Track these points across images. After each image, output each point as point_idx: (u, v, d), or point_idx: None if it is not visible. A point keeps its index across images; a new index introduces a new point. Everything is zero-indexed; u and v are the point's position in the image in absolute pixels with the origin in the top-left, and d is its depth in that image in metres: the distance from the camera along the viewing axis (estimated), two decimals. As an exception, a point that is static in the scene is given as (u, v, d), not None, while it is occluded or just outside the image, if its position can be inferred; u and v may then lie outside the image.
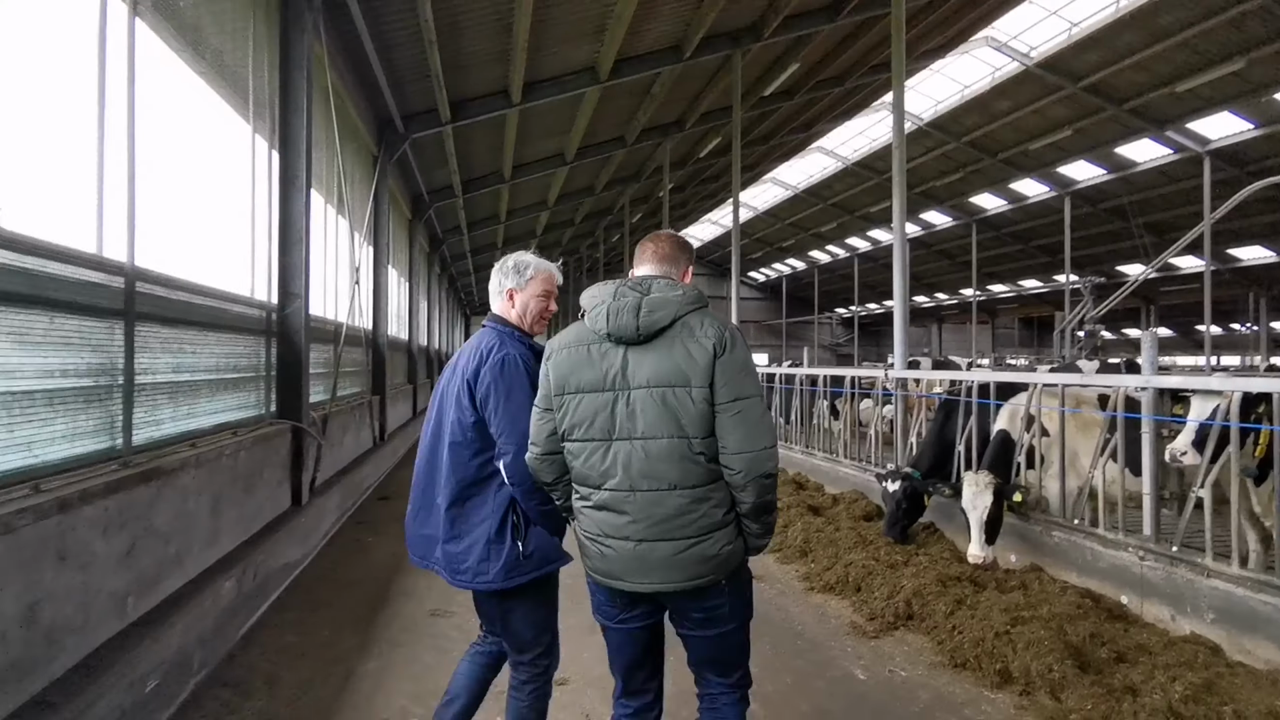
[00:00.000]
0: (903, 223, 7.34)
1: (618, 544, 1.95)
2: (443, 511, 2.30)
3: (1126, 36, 16.98)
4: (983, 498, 4.96)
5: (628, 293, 1.97)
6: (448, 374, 2.45)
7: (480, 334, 2.45)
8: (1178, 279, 28.01)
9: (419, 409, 15.53)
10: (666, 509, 1.91)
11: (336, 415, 7.53)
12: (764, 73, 14.50)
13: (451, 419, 2.32)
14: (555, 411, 2.03)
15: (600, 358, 1.97)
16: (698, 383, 1.89)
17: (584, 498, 2.02)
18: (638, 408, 1.92)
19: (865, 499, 7.31)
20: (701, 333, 1.93)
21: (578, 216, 24.20)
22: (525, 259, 2.49)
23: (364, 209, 9.66)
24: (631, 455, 1.92)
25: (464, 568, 2.27)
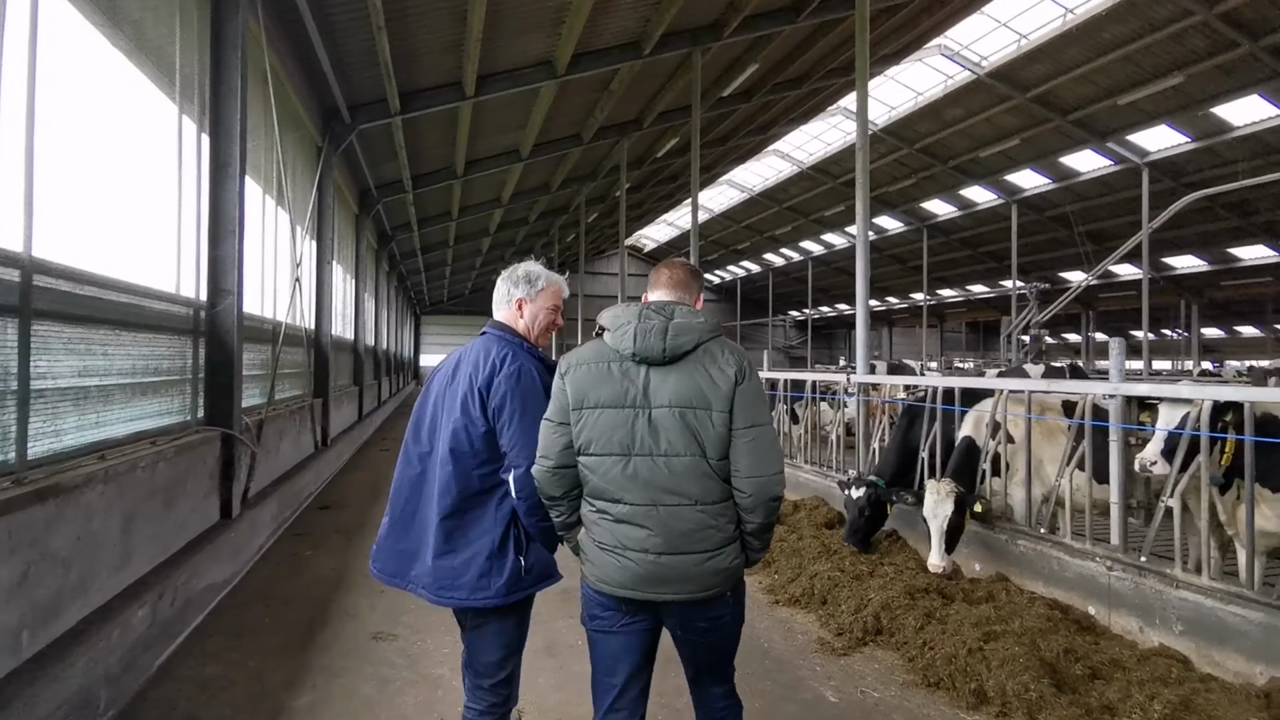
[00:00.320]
0: (865, 222, 7.26)
1: (636, 556, 1.99)
2: (436, 524, 2.20)
3: (1072, 49, 17.47)
4: (943, 506, 4.85)
5: (653, 315, 2.04)
6: (441, 380, 2.37)
7: (485, 341, 2.36)
8: (1116, 286, 29.05)
9: (365, 412, 14.96)
10: (687, 524, 1.98)
11: (274, 420, 7.07)
12: (723, 73, 14.39)
13: (454, 427, 2.22)
14: (572, 425, 2.05)
15: (621, 375, 2.03)
16: (719, 407, 1.98)
17: (601, 511, 2.05)
18: (660, 426, 1.99)
19: (826, 505, 7.20)
20: (723, 360, 2.03)
21: (532, 215, 23.77)
22: (536, 270, 2.47)
23: (306, 202, 9.16)
24: (654, 471, 1.98)
25: (460, 583, 2.18)
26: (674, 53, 11.87)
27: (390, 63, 8.63)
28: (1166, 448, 3.95)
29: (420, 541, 2.24)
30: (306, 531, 6.70)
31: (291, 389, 8.58)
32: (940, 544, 4.86)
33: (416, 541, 2.25)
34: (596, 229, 33.21)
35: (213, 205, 5.35)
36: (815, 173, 28.99)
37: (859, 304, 7.14)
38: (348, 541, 6.38)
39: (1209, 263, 26.63)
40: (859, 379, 6.92)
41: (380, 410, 18.18)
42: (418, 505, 2.28)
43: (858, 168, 7.33)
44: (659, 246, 47.90)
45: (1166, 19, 15.51)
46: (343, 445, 10.93)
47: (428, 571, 2.20)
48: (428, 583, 2.21)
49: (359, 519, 7.26)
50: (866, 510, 5.59)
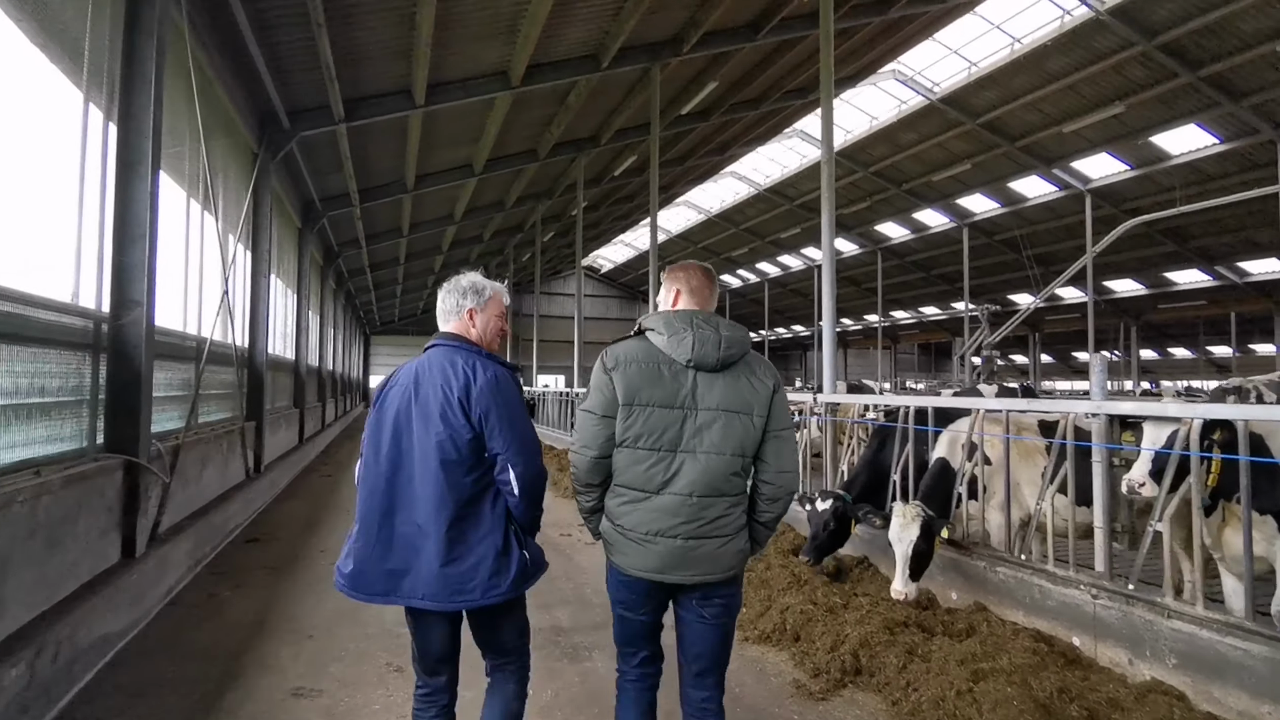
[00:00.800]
0: (831, 238, 7.06)
1: (666, 541, 2.19)
2: (439, 535, 2.24)
3: (1020, 78, 17.94)
4: (909, 530, 4.56)
5: (704, 326, 2.24)
6: (399, 396, 2.36)
7: (444, 354, 2.38)
8: (1061, 309, 29.87)
9: (306, 435, 14.17)
10: (715, 512, 2.20)
11: (195, 446, 6.45)
12: (682, 90, 14.28)
13: (438, 439, 2.26)
14: (620, 420, 2.22)
15: (672, 378, 2.22)
16: (759, 412, 2.24)
17: (633, 500, 2.23)
18: (705, 426, 2.20)
19: (792, 530, 6.88)
20: (761, 371, 2.31)
21: (487, 233, 23.29)
22: (480, 280, 2.53)
23: (240, 210, 8.57)
24: (695, 466, 2.19)
25: (471, 585, 2.24)
26: (632, 67, 11.67)
27: (333, 64, 8.18)
28: (1154, 468, 3.72)
29: (410, 555, 2.26)
30: (228, 569, 6.08)
31: (219, 411, 7.93)
32: (904, 569, 4.56)
33: (405, 557, 2.26)
34: (553, 248, 32.87)
35: (120, 206, 4.81)
36: (772, 195, 29.22)
37: (825, 321, 6.90)
38: (275, 579, 5.79)
39: (1146, 286, 27.58)
40: (825, 398, 6.65)
41: (324, 433, 17.34)
42: (394, 522, 2.29)
43: (823, 183, 7.15)
44: (615, 267, 47.74)
45: (1108, 50, 16.03)
46: (279, 472, 10.22)
47: (431, 581, 2.23)
48: (431, 592, 2.23)
49: (290, 552, 6.65)
50: (831, 524, 5.26)
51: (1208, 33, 14.70)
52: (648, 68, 11.90)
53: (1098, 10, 14.99)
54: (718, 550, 2.21)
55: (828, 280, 6.94)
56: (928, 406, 5.42)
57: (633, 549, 2.23)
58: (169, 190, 6.86)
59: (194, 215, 7.09)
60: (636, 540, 2.22)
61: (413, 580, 2.24)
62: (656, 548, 2.19)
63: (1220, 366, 37.17)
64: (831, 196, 7.11)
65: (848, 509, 5.27)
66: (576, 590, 5.55)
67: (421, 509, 2.26)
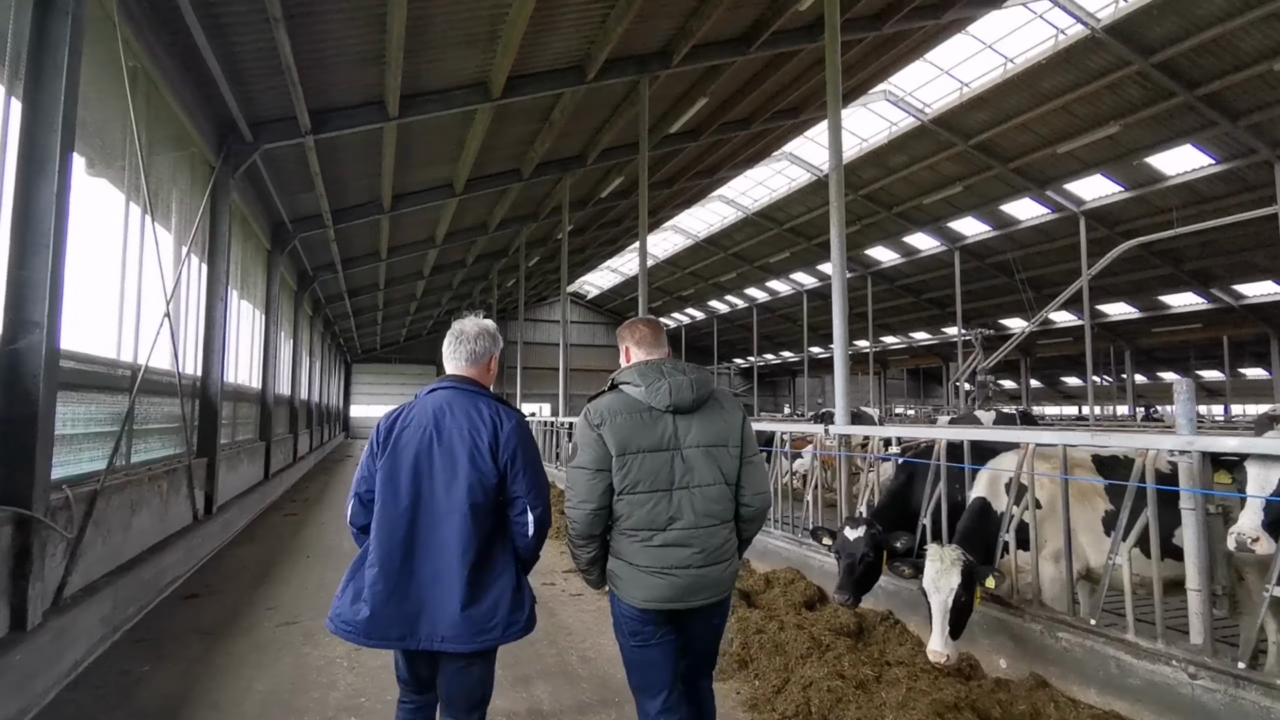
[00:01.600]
0: (841, 254, 6.44)
1: (681, 572, 2.38)
2: (463, 576, 2.28)
3: (1013, 98, 17.66)
4: (949, 577, 3.84)
5: (675, 373, 2.47)
6: (418, 438, 2.37)
7: (466, 398, 2.45)
8: (1053, 333, 29.54)
9: (274, 470, 13.27)
10: (718, 540, 2.45)
11: (123, 489, 5.63)
12: (671, 107, 13.77)
13: (469, 483, 2.32)
14: (615, 472, 2.40)
15: (654, 423, 2.42)
16: (733, 442, 2.50)
17: (645, 540, 2.40)
18: (691, 462, 2.42)
19: (803, 579, 6.13)
20: (729, 405, 2.58)
21: (470, 257, 22.61)
22: (493, 325, 2.65)
23: (192, 225, 7.83)
24: (693, 500, 2.41)
25: (492, 624, 2.30)
26: (620, 80, 11.12)
27: (295, 68, 7.52)
28: (1269, 519, 3.04)
29: (427, 598, 2.28)
30: (153, 634, 5.22)
31: (161, 448, 7.10)
32: (944, 625, 3.82)
33: (421, 599, 2.28)
34: (538, 274, 32.24)
35: (20, 212, 4.06)
36: (760, 219, 28.85)
37: (837, 343, 6.24)
38: (208, 646, 4.95)
39: (1140, 310, 27.32)
40: (839, 429, 5.95)
41: (295, 467, 16.39)
42: (414, 565, 2.30)
43: (831, 194, 6.55)
44: (601, 293, 47.20)
45: (1103, 69, 15.76)
46: (236, 512, 9.34)
47: (454, 624, 2.25)
48: (454, 634, 2.26)
49: (232, 610, 5.80)
50: (869, 555, 4.53)
51: (1205, 51, 14.45)
52: (636, 81, 11.36)
53: (1093, 28, 14.72)
54: (722, 574, 2.44)
55: (839, 298, 6.29)
56: (963, 440, 4.73)
57: (649, 582, 2.37)
58: (108, 200, 6.15)
59: (135, 227, 6.34)
60: (653, 574, 2.37)
61: (430, 623, 2.26)
62: (672, 578, 2.36)
63: (1211, 391, 36.99)
64: (841, 208, 6.51)
65: (880, 537, 4.55)
66: (560, 659, 4.75)
67: (445, 552, 2.28)
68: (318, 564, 7.50)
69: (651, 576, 2.37)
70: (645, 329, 2.63)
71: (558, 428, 15.86)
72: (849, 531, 4.64)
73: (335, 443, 32.63)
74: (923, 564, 3.96)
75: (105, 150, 5.97)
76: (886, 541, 4.56)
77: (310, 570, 7.18)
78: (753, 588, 6.02)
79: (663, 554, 2.36)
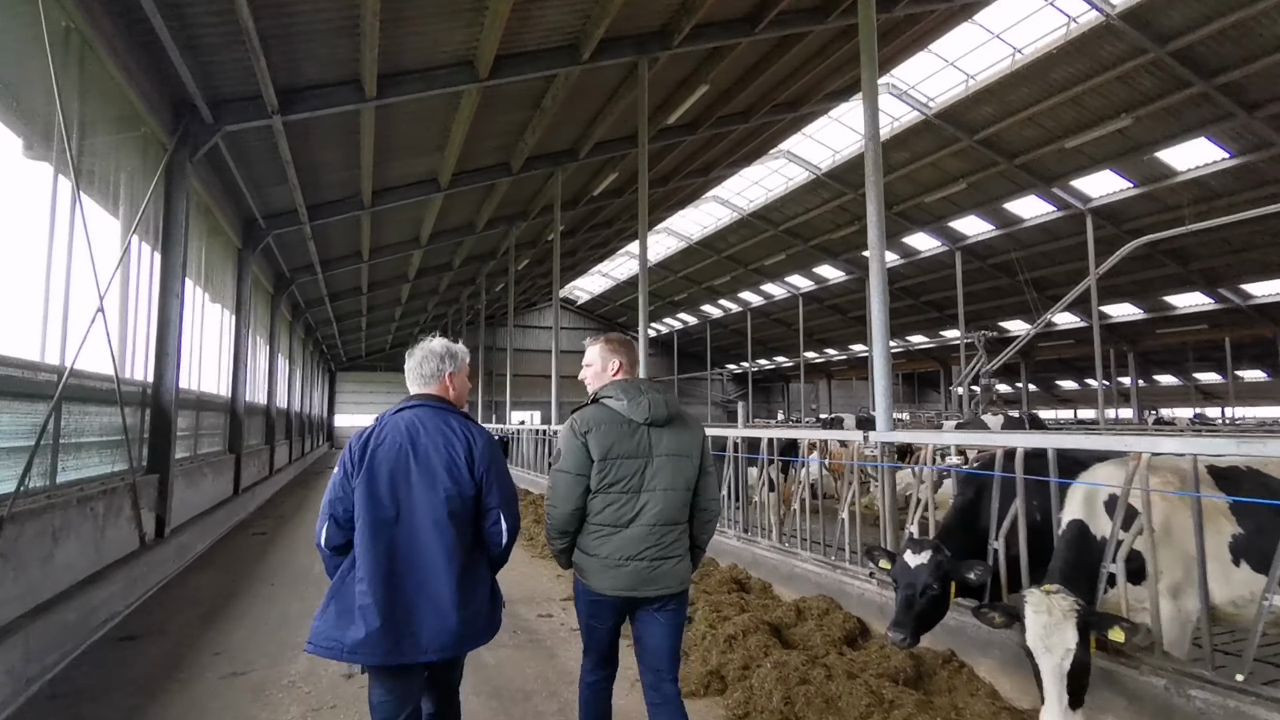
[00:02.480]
0: (881, 234, 5.67)
1: (635, 564, 2.67)
2: (453, 586, 2.36)
3: (1021, 90, 17.06)
4: (1061, 635, 3.03)
5: (652, 391, 2.80)
6: (394, 454, 2.43)
7: (435, 414, 2.55)
8: (1053, 335, 28.96)
9: (245, 484, 12.33)
10: (671, 537, 2.73)
11: (41, 514, 4.75)
12: (669, 96, 13.01)
13: (446, 494, 2.41)
14: (595, 472, 2.68)
15: (632, 433, 2.73)
16: (695, 455, 2.83)
17: (606, 535, 2.69)
18: (659, 469, 2.73)
19: (838, 609, 5.34)
20: (692, 423, 2.89)
21: (457, 259, 21.76)
22: (452, 345, 2.75)
23: (146, 212, 6.96)
24: (656, 501, 2.70)
25: (478, 628, 2.44)
26: (617, 61, 10.35)
27: (256, 35, 6.69)
28: None
29: (415, 609, 2.33)
30: (74, 689, 4.33)
31: (99, 464, 6.20)
32: (1061, 695, 3.01)
33: (409, 611, 2.33)
34: (527, 278, 31.41)
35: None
36: (756, 220, 28.16)
37: (876, 338, 5.45)
38: (136, 707, 4.07)
39: (1145, 310, 26.79)
40: (881, 437, 5.15)
41: (271, 480, 15.43)
42: (399, 578, 2.34)
43: (867, 165, 5.78)
44: (592, 299, 46.37)
45: (1116, 58, 15.16)
46: (195, 533, 8.42)
47: (449, 630, 2.34)
48: (449, 641, 2.35)
49: (174, 655, 4.91)
50: (933, 586, 3.71)
51: (1224, 38, 13.87)
52: (634, 64, 10.58)
53: (1108, 14, 14.11)
54: (674, 568, 2.73)
55: (877, 285, 5.51)
56: (1046, 448, 3.94)
57: (607, 572, 2.68)
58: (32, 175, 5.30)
59: (63, 205, 5.47)
60: (611, 565, 2.67)
61: (421, 635, 2.32)
62: (626, 569, 2.67)
63: (1208, 394, 36.59)
64: (879, 184, 5.74)
65: (948, 565, 3.74)
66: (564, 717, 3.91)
67: (428, 563, 2.36)
68: (282, 593, 6.61)
69: (613, 568, 2.66)
70: (631, 348, 2.98)
71: (549, 436, 15.01)
72: (910, 556, 3.83)
73: (318, 453, 31.57)
74: (1018, 611, 3.16)
75: (23, 113, 5.12)
76: (956, 571, 3.75)
77: (272, 602, 6.29)
78: (781, 620, 5.20)
79: (621, 546, 2.66)
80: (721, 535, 7.32)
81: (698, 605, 5.33)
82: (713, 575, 6.43)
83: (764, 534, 6.77)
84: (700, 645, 4.73)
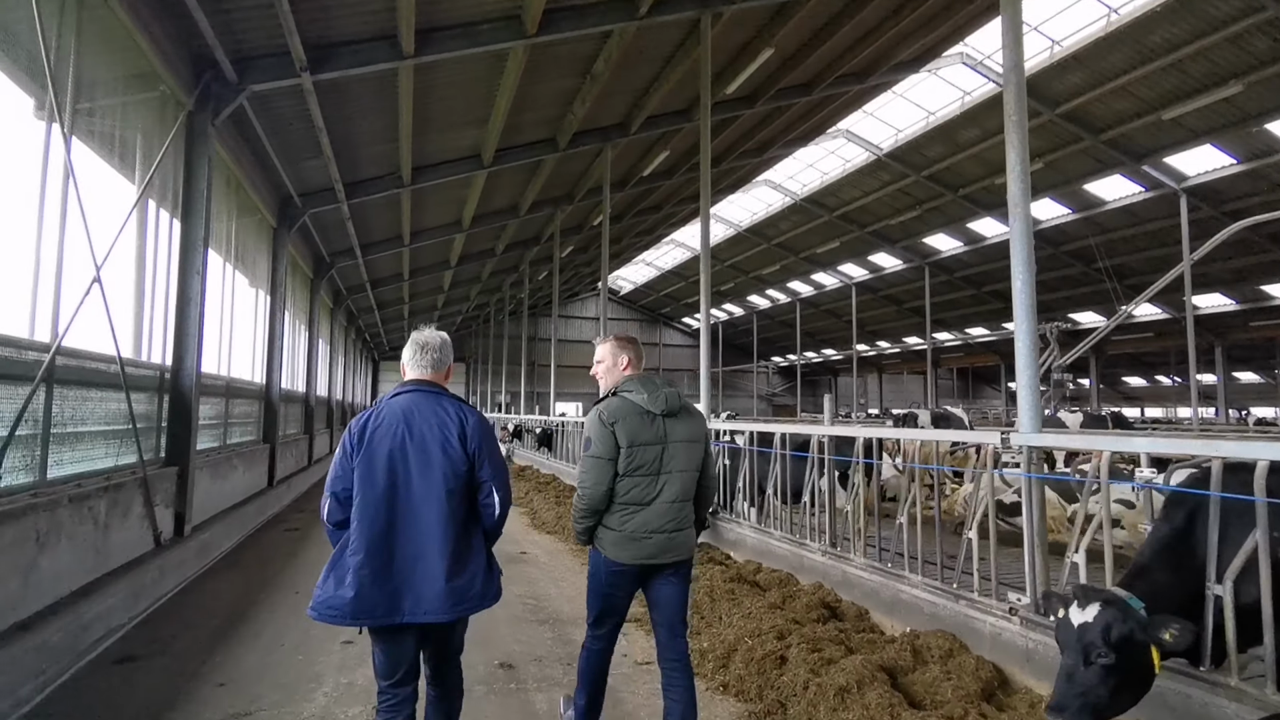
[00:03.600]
0: (1026, 188, 4.61)
1: (656, 535, 3.06)
2: (445, 554, 2.56)
3: (1113, 56, 15.53)
4: None
5: (666, 385, 3.23)
6: (392, 435, 2.63)
7: (432, 399, 2.74)
8: (1131, 327, 26.98)
9: (279, 476, 11.75)
10: (684, 512, 3.16)
11: (20, 517, 4.02)
12: (729, 63, 11.95)
13: (443, 472, 2.62)
14: (622, 458, 3.05)
15: (651, 423, 3.11)
16: (702, 441, 3.26)
17: (633, 511, 3.07)
18: (675, 454, 3.13)
19: (964, 649, 4.32)
20: (697, 414, 3.31)
21: (499, 245, 21.07)
22: (447, 336, 2.93)
23: (163, 178, 6.26)
24: (673, 482, 3.11)
25: (470, 595, 2.60)
26: (678, 15, 9.38)
27: None
28: None
29: (409, 577, 2.53)
30: (43, 732, 3.60)
31: (105, 456, 5.51)
32: None
33: (404, 578, 2.53)
34: (570, 267, 30.62)
35: None
36: (810, 205, 26.86)
37: (1019, 313, 4.39)
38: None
39: (1237, 301, 24.70)
40: (1028, 439, 4.10)
41: (308, 471, 14.93)
42: (394, 548, 2.55)
43: (1008, 107, 4.74)
44: (635, 289, 45.48)
45: (1227, 17, 13.57)
46: (220, 530, 7.77)
47: (437, 596, 2.53)
48: (437, 606, 2.53)
49: (171, 684, 4.16)
50: (1106, 656, 2.63)
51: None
52: (696, 19, 9.59)
53: (1224, -35, 12.56)
54: (686, 537, 3.17)
55: (1021, 247, 4.45)
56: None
57: (632, 544, 3.06)
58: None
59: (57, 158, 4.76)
60: (636, 538, 3.06)
61: (414, 599, 2.52)
62: (650, 541, 3.06)
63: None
64: (1022, 123, 4.69)
65: (1132, 624, 2.69)
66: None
67: (424, 534, 2.56)
68: (306, 603, 5.83)
69: (638, 540, 3.06)
70: (639, 348, 3.40)
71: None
72: (1075, 611, 2.77)
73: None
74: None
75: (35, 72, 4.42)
76: (1154, 633, 2.69)
77: (295, 615, 5.53)
78: (895, 662, 4.20)
79: (646, 521, 3.07)
80: (803, 548, 6.34)
81: (791, 643, 4.37)
82: (798, 598, 5.46)
83: (860, 552, 5.75)
84: (803, 697, 3.78)
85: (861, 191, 24.83)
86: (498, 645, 4.90)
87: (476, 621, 5.33)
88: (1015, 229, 4.57)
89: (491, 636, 5.05)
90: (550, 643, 5.03)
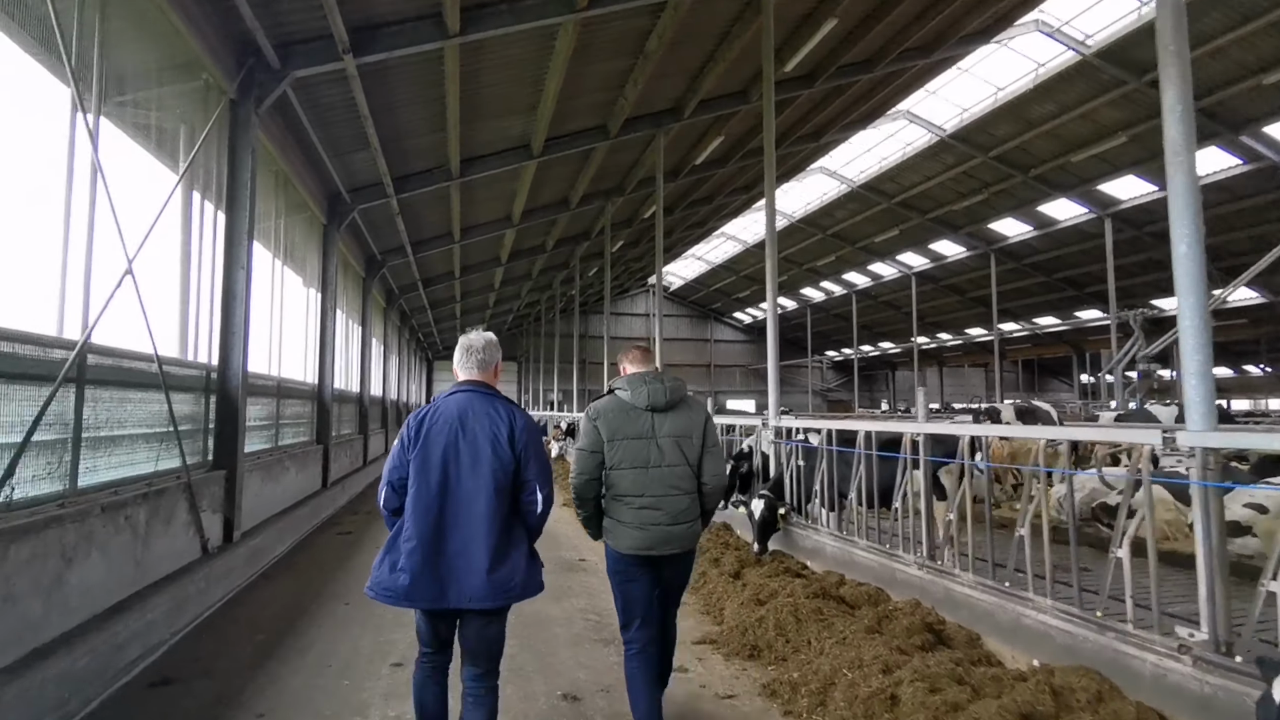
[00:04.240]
0: (1191, 133, 3.90)
1: (653, 528, 3.24)
2: (489, 546, 2.73)
3: (1213, 14, 14.23)
4: None
5: (655, 381, 3.40)
6: (446, 431, 2.81)
7: (485, 399, 2.91)
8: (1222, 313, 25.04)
9: (334, 477, 11.56)
10: (680, 506, 3.30)
11: (39, 531, 3.69)
12: (787, 38, 11.21)
13: (492, 468, 2.78)
14: (604, 452, 3.30)
15: (636, 418, 3.34)
16: (696, 435, 3.40)
17: (628, 504, 3.27)
18: (663, 448, 3.31)
19: (1117, 694, 3.57)
20: (695, 408, 3.49)
21: (550, 240, 20.73)
22: (494, 336, 3.11)
23: (204, 168, 5.96)
24: (663, 476, 3.29)
25: (512, 584, 2.78)
26: None
27: None
28: None
29: (456, 565, 2.72)
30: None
31: (146, 461, 5.21)
32: None
33: (451, 567, 2.72)
34: (620, 262, 30.14)
35: None
36: (867, 192, 25.77)
37: (1183, 290, 3.67)
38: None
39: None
40: (1200, 439, 3.37)
41: (364, 471, 14.81)
42: (444, 538, 2.73)
43: (1164, 42, 4.03)
44: (685, 284, 44.76)
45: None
46: (269, 536, 7.50)
47: (480, 585, 2.71)
48: (481, 594, 2.71)
49: (210, 713, 3.78)
50: None
51: None
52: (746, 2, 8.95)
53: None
54: (686, 530, 3.32)
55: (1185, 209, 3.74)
56: None
57: (631, 534, 3.25)
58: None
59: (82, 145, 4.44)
60: (635, 527, 3.24)
61: (459, 588, 2.71)
62: (647, 532, 3.23)
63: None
64: (1183, 52, 3.97)
65: None
66: None
67: (471, 527, 2.73)
68: (356, 616, 5.46)
69: (634, 530, 3.24)
70: (637, 353, 3.61)
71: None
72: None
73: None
74: None
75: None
76: None
77: (344, 630, 5.14)
78: (1032, 706, 3.50)
79: (640, 515, 3.24)
80: (894, 560, 5.67)
81: (902, 678, 3.73)
82: (896, 619, 4.79)
83: (969, 569, 5.04)
84: (927, 751, 3.15)
85: (923, 176, 23.65)
86: (560, 672, 4.40)
87: (536, 642, 4.88)
88: (1177, 183, 3.86)
89: (552, 662, 4.55)
90: (617, 668, 4.49)
